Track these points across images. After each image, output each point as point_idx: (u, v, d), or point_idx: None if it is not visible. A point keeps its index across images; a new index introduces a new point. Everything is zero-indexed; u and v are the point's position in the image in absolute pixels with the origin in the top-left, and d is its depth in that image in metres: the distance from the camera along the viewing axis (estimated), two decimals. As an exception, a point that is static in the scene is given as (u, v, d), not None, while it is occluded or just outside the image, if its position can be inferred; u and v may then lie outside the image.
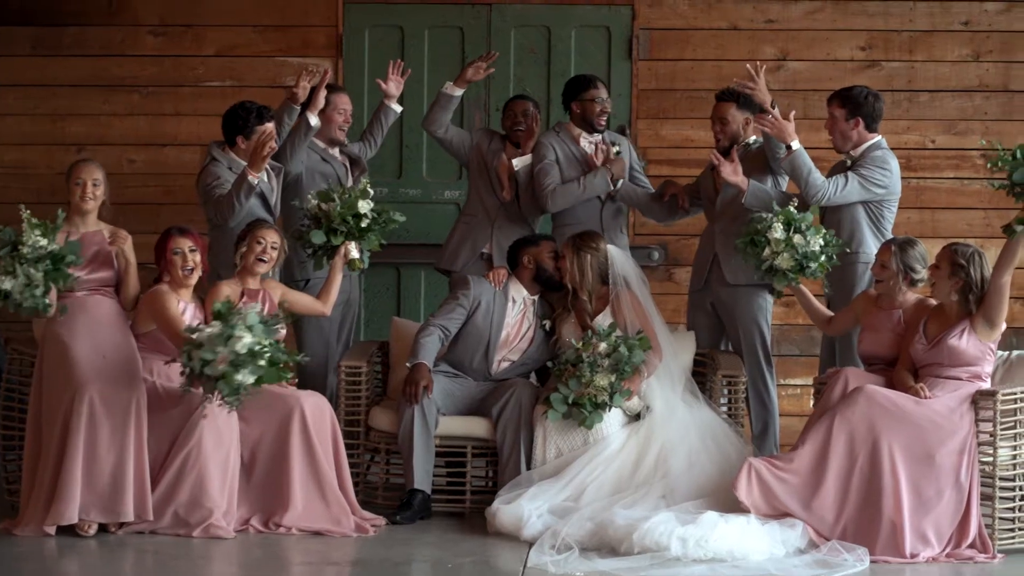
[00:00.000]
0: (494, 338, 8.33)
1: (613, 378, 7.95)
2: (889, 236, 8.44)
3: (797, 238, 8.04)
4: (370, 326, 10.08)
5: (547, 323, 8.44)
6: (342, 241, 8.18)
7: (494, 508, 7.76)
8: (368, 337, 9.95)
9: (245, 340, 7.15)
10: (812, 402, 8.31)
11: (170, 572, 6.94)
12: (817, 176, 8.38)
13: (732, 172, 8.51)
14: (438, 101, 8.94)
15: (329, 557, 7.20)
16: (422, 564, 7.12)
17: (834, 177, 8.47)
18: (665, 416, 8.04)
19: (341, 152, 9.08)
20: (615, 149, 8.86)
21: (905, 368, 7.79)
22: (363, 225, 8.17)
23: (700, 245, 9.01)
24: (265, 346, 7.24)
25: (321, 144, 8.96)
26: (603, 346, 8.02)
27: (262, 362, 7.20)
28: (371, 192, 8.24)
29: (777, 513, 7.45)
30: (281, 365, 7.30)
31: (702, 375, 8.62)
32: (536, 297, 8.45)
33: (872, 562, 7.24)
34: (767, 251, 8.10)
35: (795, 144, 8.38)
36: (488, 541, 7.57)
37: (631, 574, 6.95)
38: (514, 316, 8.39)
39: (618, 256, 8.35)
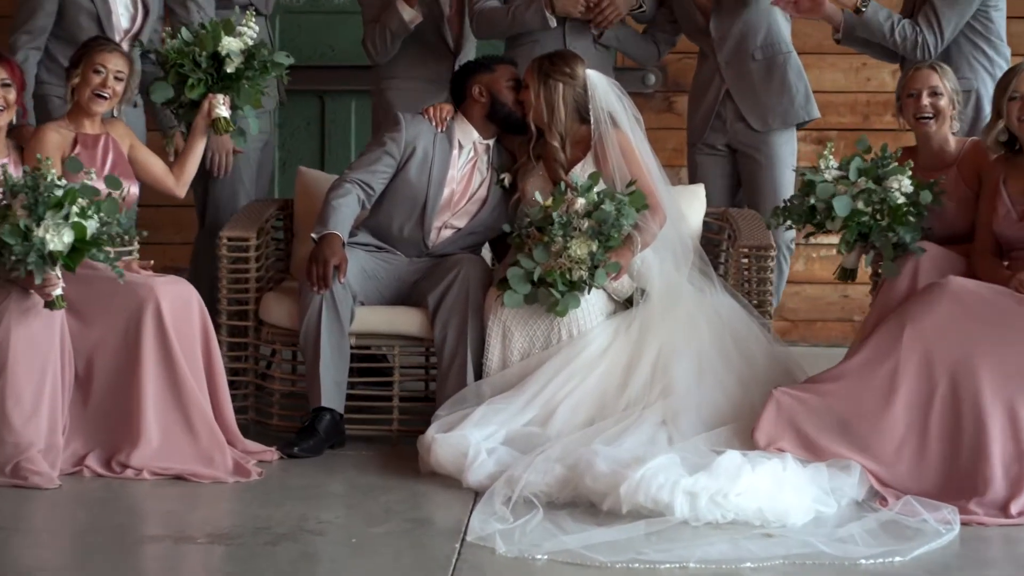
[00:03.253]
0: (433, 197, 6.08)
1: (595, 246, 5.72)
2: (1005, 48, 6.32)
3: (906, 184, 5.65)
4: (286, 172, 7.83)
5: (505, 177, 6.18)
6: (201, 94, 5.91)
7: (429, 437, 5.56)
8: (283, 190, 7.72)
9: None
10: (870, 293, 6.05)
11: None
12: (904, 28, 6.27)
13: (814, 7, 6.38)
14: (399, 32, 6.59)
15: (185, 526, 4.98)
16: (314, 538, 4.88)
17: (923, 18, 6.34)
18: (666, 304, 5.83)
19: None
20: None
21: (987, 250, 5.59)
22: (229, 72, 5.89)
23: (696, 83, 6.83)
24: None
25: None
26: (581, 202, 5.78)
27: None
28: (249, 29, 5.94)
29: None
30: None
31: (715, 245, 6.41)
32: (491, 142, 6.18)
33: (962, 524, 5.05)
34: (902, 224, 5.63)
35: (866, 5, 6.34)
36: (419, 489, 5.39)
37: (616, 556, 4.75)
38: (461, 168, 6.14)
39: (601, 84, 6.05)
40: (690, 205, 6.36)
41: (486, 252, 6.34)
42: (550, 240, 5.72)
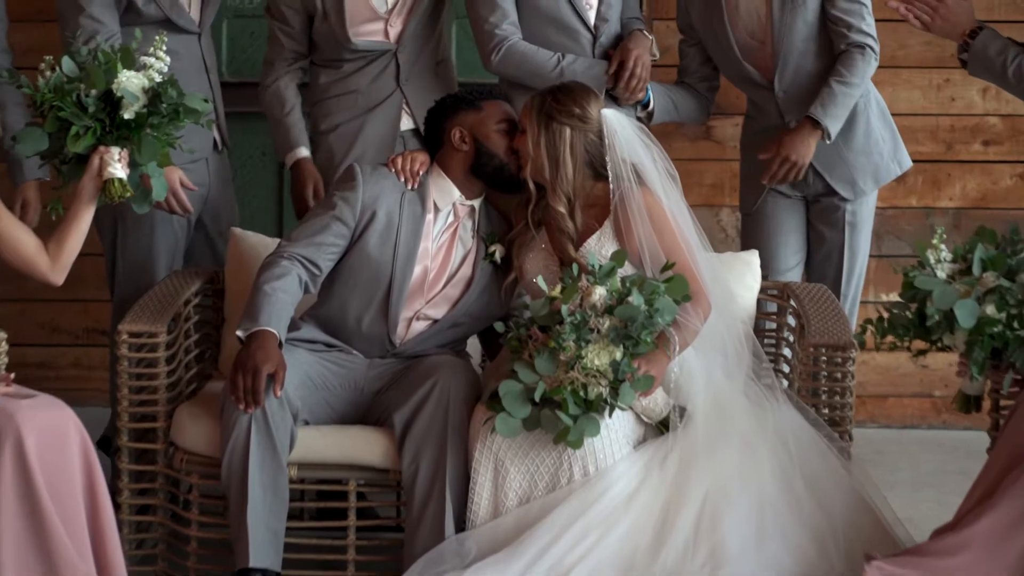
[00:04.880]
0: (400, 279, 4.58)
1: (619, 354, 4.22)
2: None
3: None
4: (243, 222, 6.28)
5: (496, 249, 4.68)
6: (89, 146, 4.39)
7: (393, 618, 4.08)
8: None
9: None
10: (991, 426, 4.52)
11: None
12: (1021, 65, 4.71)
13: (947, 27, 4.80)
14: None
15: None
16: None
17: None
18: (714, 428, 4.34)
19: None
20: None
21: None
22: (126, 118, 4.37)
23: (750, 140, 5.35)
24: None
25: None
26: (600, 293, 4.28)
27: None
28: (158, 60, 4.43)
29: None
30: None
31: (772, 331, 4.94)
32: (476, 202, 4.69)
33: None
34: None
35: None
36: None
37: None
38: (437, 237, 4.65)
39: (622, 128, 4.54)
40: (740, 279, 4.87)
41: (473, 344, 4.85)
42: (558, 345, 4.21)
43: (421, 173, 4.65)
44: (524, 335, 4.31)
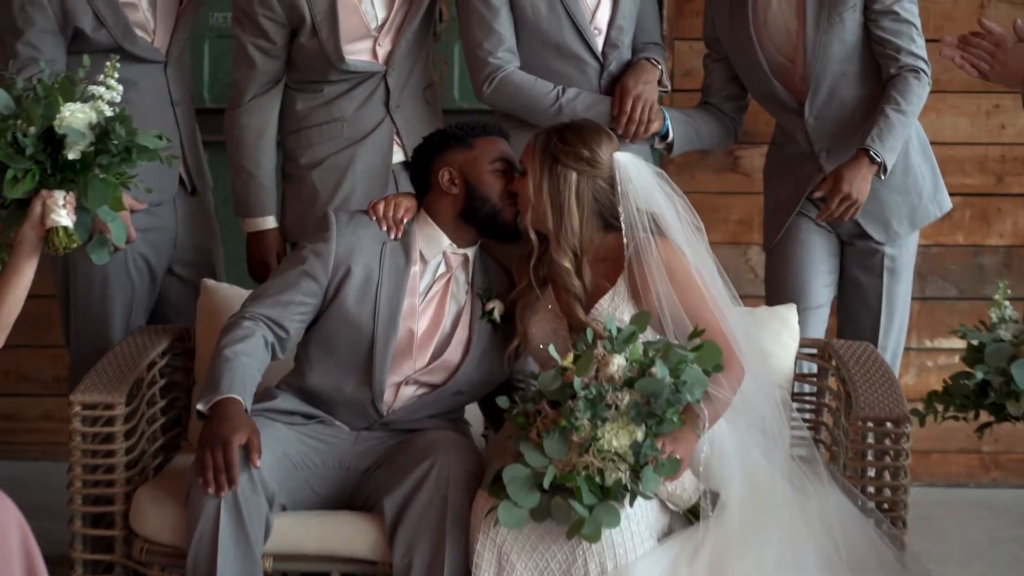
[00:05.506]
0: (383, 341, 4.02)
1: (640, 434, 3.66)
2: None
3: None
4: (229, 272, 5.66)
5: (495, 306, 4.12)
6: (30, 190, 3.84)
7: None
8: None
9: None
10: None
11: None
12: None
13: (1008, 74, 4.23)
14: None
15: None
16: None
17: None
18: (752, 517, 3.78)
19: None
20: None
21: None
22: (71, 159, 3.83)
23: (775, 167, 4.84)
24: None
25: None
26: (619, 364, 3.72)
27: None
28: (110, 91, 3.88)
29: None
30: None
31: (810, 400, 4.41)
32: (470, 251, 4.14)
33: None
34: None
35: None
36: None
37: None
38: (424, 294, 4.10)
39: (638, 174, 3.98)
40: (776, 337, 4.33)
41: (472, 411, 4.30)
42: (570, 424, 3.66)
43: (406, 221, 4.10)
44: (531, 410, 3.75)
